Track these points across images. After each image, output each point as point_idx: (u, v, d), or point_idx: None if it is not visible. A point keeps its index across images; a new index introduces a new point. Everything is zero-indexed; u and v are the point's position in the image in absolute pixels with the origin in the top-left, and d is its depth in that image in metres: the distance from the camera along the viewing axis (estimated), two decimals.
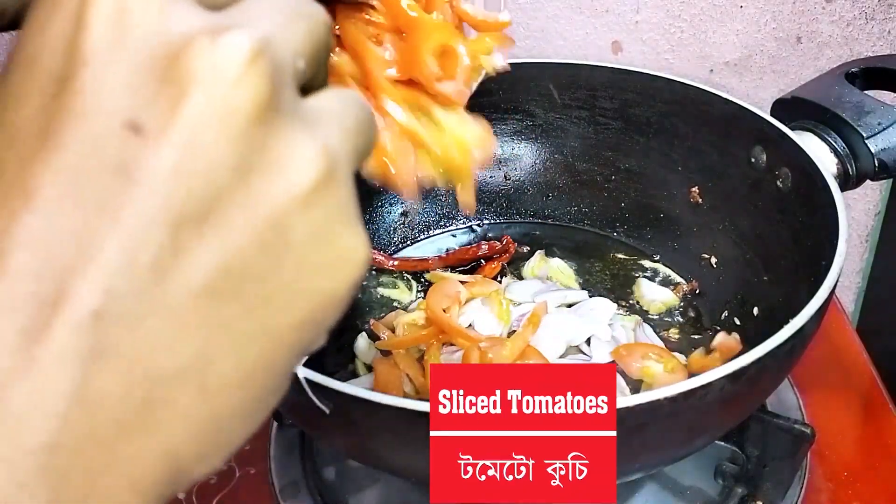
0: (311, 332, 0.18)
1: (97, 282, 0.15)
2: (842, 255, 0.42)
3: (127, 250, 0.15)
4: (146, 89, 0.16)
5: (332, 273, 0.18)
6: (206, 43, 0.16)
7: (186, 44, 0.16)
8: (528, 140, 0.69)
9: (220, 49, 0.16)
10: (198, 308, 0.16)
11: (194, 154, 0.15)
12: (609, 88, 0.64)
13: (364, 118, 0.20)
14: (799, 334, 0.38)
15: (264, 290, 0.17)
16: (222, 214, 0.16)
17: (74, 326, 0.15)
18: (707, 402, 0.36)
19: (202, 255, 0.16)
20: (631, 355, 0.54)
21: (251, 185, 0.16)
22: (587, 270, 0.64)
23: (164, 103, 0.16)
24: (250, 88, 0.16)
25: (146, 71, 0.16)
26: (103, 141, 0.15)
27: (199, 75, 0.16)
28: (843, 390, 0.60)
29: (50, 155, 0.15)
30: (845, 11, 0.75)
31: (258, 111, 0.16)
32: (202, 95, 0.16)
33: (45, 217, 0.15)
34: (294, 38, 0.18)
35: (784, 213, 0.53)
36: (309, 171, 0.17)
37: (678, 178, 0.63)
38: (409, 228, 0.69)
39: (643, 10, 0.74)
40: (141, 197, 0.15)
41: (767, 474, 0.49)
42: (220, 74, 0.16)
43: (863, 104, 0.52)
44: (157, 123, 0.15)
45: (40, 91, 0.16)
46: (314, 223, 0.17)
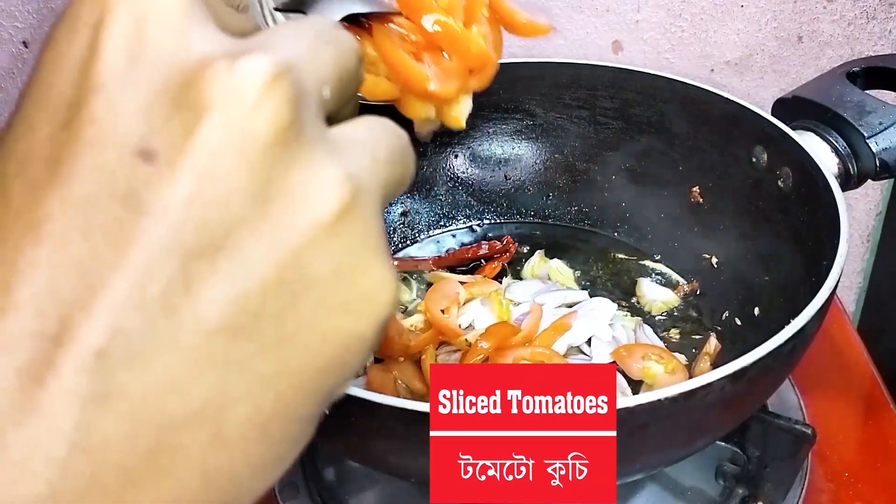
0: (335, 377, 0.17)
1: (103, 318, 0.14)
2: (843, 255, 0.42)
3: (135, 284, 0.14)
4: (160, 115, 0.15)
5: (356, 312, 0.16)
6: (223, 66, 0.15)
7: (203, 67, 0.15)
8: (528, 140, 0.69)
9: (239, 72, 0.15)
10: (211, 347, 0.15)
11: (209, 182, 0.15)
12: (609, 88, 0.64)
13: (399, 147, 0.18)
14: (800, 334, 0.38)
15: (283, 330, 0.15)
16: (238, 246, 0.15)
17: (78, 367, 0.14)
18: (708, 402, 0.36)
19: (216, 289, 0.15)
20: (631, 356, 0.53)
21: (269, 215, 0.15)
22: (587, 270, 0.64)
23: (178, 129, 0.15)
24: (269, 113, 0.15)
25: (161, 95, 0.15)
26: (114, 170, 0.15)
27: (215, 99, 0.15)
28: (844, 390, 0.60)
29: (59, 184, 0.15)
30: (846, 11, 0.75)
31: (278, 137, 0.15)
32: (218, 120, 0.15)
33: (51, 250, 0.14)
34: (319, 64, 0.17)
35: (785, 212, 0.53)
36: (332, 201, 0.16)
37: (679, 178, 0.62)
38: (409, 228, 0.69)
39: (644, 10, 0.74)
40: (151, 227, 0.14)
41: (768, 475, 0.49)
42: (237, 98, 0.15)
43: (864, 104, 0.52)
44: (171, 150, 0.15)
45: (52, 119, 0.15)
46: (337, 257, 0.16)
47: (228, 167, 0.15)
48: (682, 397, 0.34)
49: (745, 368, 0.36)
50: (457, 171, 0.69)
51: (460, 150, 0.69)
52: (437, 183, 0.69)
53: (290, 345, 0.16)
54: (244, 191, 0.15)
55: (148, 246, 0.14)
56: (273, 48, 0.16)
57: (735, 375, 0.35)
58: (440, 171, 0.69)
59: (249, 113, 0.15)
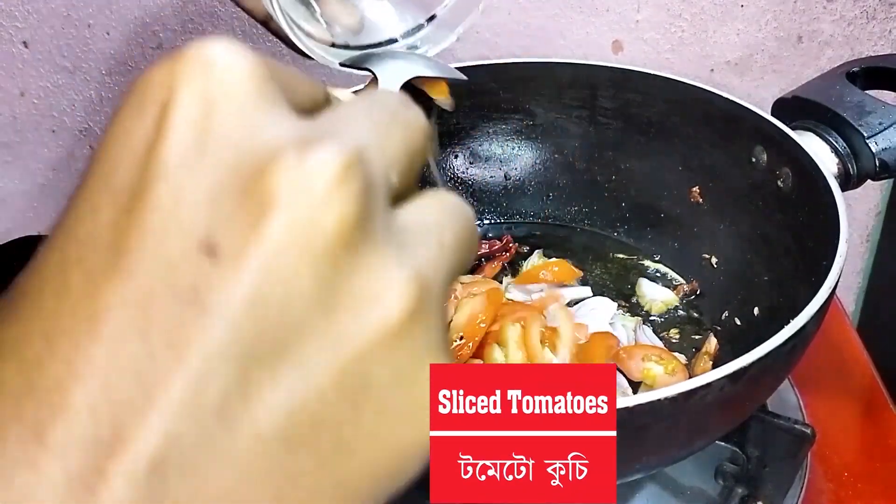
0: (392, 484, 0.16)
1: (157, 426, 0.13)
2: (842, 255, 0.42)
3: (192, 390, 0.14)
4: (226, 206, 0.14)
5: (416, 419, 0.16)
6: (292, 158, 0.14)
7: (272, 158, 0.14)
8: (528, 140, 0.69)
9: (308, 165, 0.14)
10: (267, 457, 0.14)
11: (272, 282, 0.14)
12: (610, 88, 0.64)
13: (466, 230, 0.18)
14: (799, 334, 0.38)
15: (341, 439, 0.15)
16: (299, 352, 0.14)
17: (130, 477, 0.13)
18: (707, 402, 0.36)
19: (275, 396, 0.14)
20: (631, 357, 0.53)
21: (333, 320, 0.15)
22: (587, 270, 0.64)
23: (243, 223, 0.14)
24: (338, 211, 0.14)
25: (227, 186, 0.14)
26: (176, 264, 0.14)
27: (283, 194, 0.14)
28: (843, 390, 0.60)
29: (120, 277, 0.14)
30: (846, 11, 0.75)
31: (345, 236, 0.14)
32: (284, 217, 0.14)
33: (108, 348, 0.14)
34: (389, 148, 0.17)
35: (785, 212, 0.53)
36: (398, 306, 0.15)
37: (678, 178, 0.63)
38: None
39: (644, 10, 0.74)
40: (210, 329, 0.14)
41: (768, 475, 0.49)
42: (305, 195, 0.14)
43: (864, 104, 0.52)
44: (234, 246, 0.14)
45: (114, 204, 0.15)
46: (400, 363, 0.15)
47: (293, 268, 0.14)
48: (682, 397, 0.34)
49: (745, 368, 0.36)
50: (457, 171, 0.69)
51: (460, 150, 0.69)
52: (437, 183, 0.69)
53: (348, 455, 0.15)
54: (307, 293, 0.14)
55: (206, 349, 0.14)
56: (343, 134, 0.16)
57: (734, 375, 0.35)
58: (440, 172, 0.69)
59: (317, 210, 0.14)
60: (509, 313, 0.55)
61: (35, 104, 0.71)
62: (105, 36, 0.70)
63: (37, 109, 0.72)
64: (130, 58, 0.71)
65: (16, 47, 0.69)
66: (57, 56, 0.70)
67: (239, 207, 0.14)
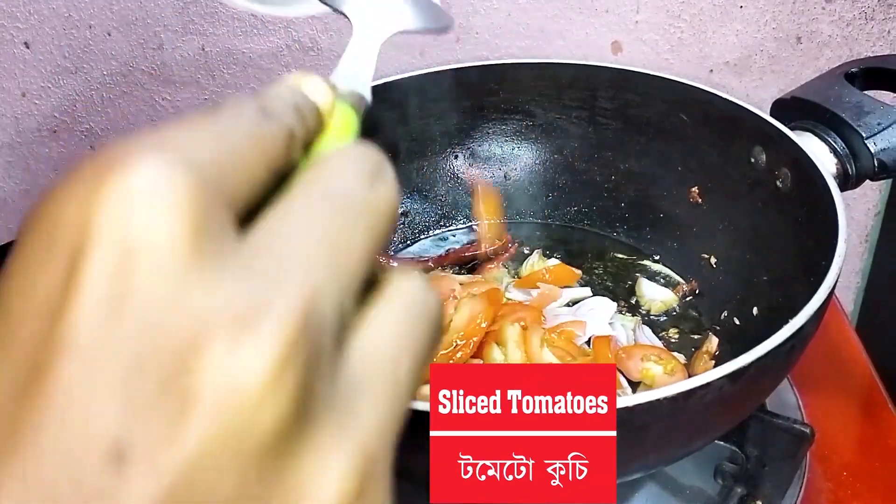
0: None
1: None
2: (841, 255, 0.42)
3: None
4: (140, 400, 0.12)
5: None
6: (220, 346, 0.12)
7: (197, 343, 0.12)
8: (528, 140, 0.69)
9: (239, 358, 0.12)
10: None
11: (189, 493, 0.12)
12: (609, 89, 0.64)
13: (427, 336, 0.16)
14: (798, 334, 0.38)
15: None
16: None
17: None
18: (706, 402, 0.36)
19: None
20: (630, 357, 0.54)
21: None
22: (587, 270, 0.64)
23: (160, 421, 0.12)
24: (271, 413, 0.13)
25: (143, 372, 0.12)
26: (81, 465, 0.12)
27: (207, 393, 0.12)
28: (842, 390, 0.60)
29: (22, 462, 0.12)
30: (845, 11, 0.75)
31: (278, 437, 0.13)
32: (208, 420, 0.12)
33: None
34: (348, 266, 0.15)
35: (784, 213, 0.53)
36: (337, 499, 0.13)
37: (678, 178, 0.63)
38: (409, 228, 0.69)
39: (643, 10, 0.74)
40: None
41: (767, 474, 0.49)
42: (233, 393, 0.12)
43: (862, 104, 0.52)
44: (148, 448, 0.12)
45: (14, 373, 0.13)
46: None
47: (214, 477, 0.12)
48: (681, 397, 0.34)
49: (744, 368, 0.36)
50: (457, 171, 0.69)
51: (460, 150, 0.69)
52: (437, 183, 0.69)
53: None
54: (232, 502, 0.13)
55: None
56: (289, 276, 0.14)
57: (734, 375, 0.35)
58: (440, 171, 0.69)
59: (247, 413, 0.12)
60: (509, 313, 0.56)
61: (36, 105, 0.71)
62: (106, 37, 0.70)
63: (38, 110, 0.72)
64: (132, 58, 0.71)
65: (17, 48, 0.69)
66: (58, 57, 0.70)
67: (156, 401, 0.12)
